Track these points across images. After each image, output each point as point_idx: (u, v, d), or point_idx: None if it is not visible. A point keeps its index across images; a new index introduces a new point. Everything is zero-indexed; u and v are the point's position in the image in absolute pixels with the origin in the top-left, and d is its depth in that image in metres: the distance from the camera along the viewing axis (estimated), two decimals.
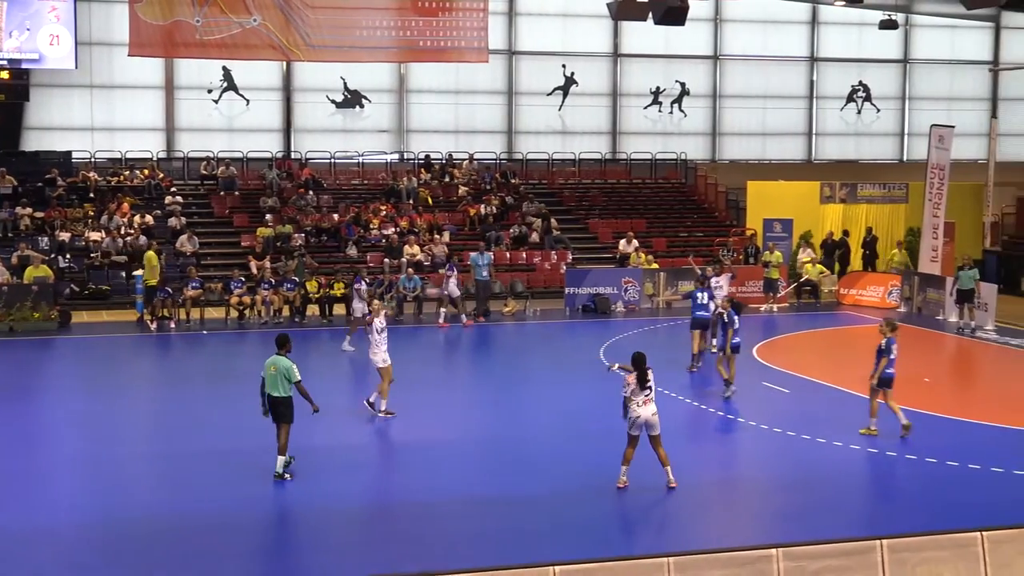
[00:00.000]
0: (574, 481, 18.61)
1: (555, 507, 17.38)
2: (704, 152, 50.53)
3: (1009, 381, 28.85)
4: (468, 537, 16.10)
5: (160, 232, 38.55)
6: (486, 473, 19.18)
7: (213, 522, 16.44)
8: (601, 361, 28.71)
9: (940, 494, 18.32)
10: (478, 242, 39.74)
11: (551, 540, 15.75)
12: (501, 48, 47.05)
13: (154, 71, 44.48)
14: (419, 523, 16.74)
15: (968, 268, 33.89)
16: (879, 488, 19.33)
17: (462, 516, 17.02)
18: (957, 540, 13.47)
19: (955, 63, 53.27)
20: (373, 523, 16.80)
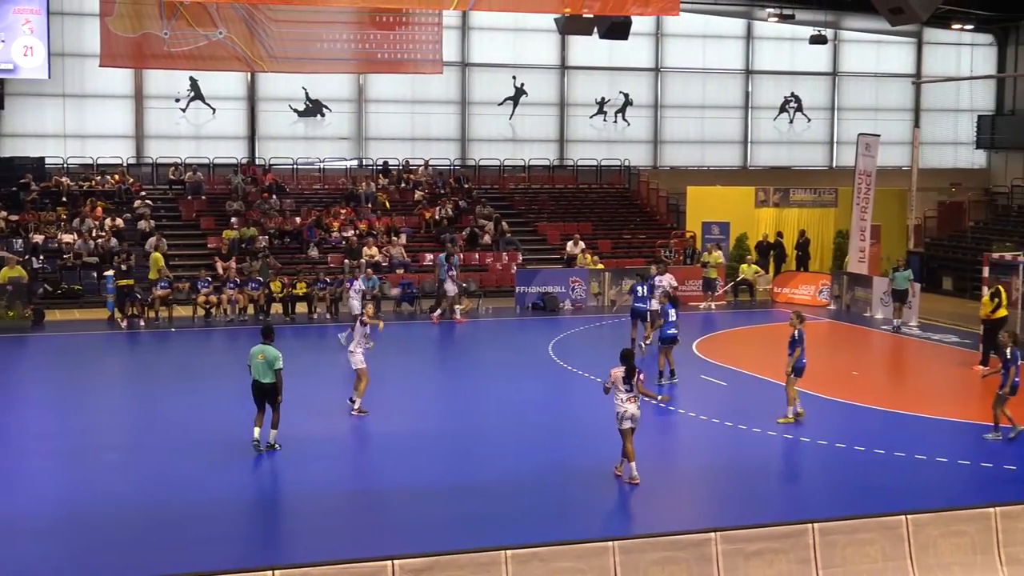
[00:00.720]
0: (525, 470, 18.62)
1: (507, 495, 17.39)
2: (646, 159, 50.62)
3: (930, 373, 29.11)
4: (423, 524, 16.06)
5: (130, 235, 38.21)
6: (441, 463, 19.15)
7: (183, 512, 16.33)
8: (551, 356, 28.75)
9: (868, 479, 18.45)
10: (434, 244, 39.73)
11: (503, 526, 15.74)
12: (455, 60, 46.96)
13: (124, 81, 44.07)
14: (376, 511, 16.70)
15: (903, 269, 34.10)
16: (811, 474, 19.44)
17: (418, 504, 16.98)
18: (883, 523, 13.58)
19: (880, 76, 53.62)
20: (332, 511, 16.73)
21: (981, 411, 21.94)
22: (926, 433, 21.53)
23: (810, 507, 16.64)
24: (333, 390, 23.70)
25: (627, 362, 17.84)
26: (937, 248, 45.91)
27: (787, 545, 13.14)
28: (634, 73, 50.13)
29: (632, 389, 17.72)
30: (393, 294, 35.58)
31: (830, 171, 52.18)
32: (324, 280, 35.47)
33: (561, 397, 24.76)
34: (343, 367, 23.24)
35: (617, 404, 17.82)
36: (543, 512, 16.51)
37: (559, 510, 16.69)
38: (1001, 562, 13.71)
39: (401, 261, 38.64)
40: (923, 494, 17.02)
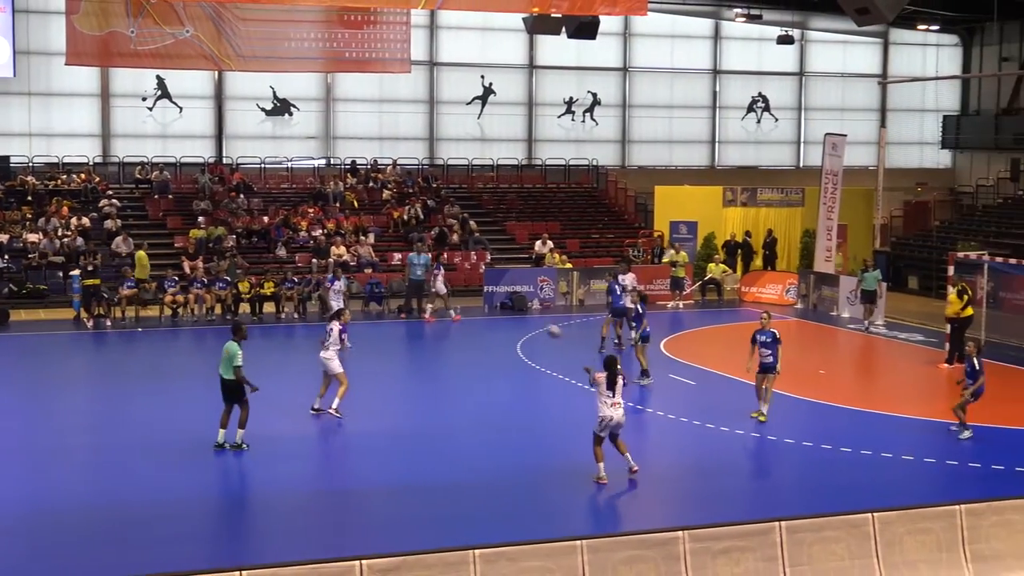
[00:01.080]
0: (494, 470, 18.62)
1: (476, 495, 17.38)
2: (614, 158, 50.69)
3: (897, 372, 29.28)
4: (392, 523, 16.04)
5: (96, 234, 37.98)
6: (409, 462, 19.12)
7: (149, 512, 16.24)
8: (519, 356, 28.75)
9: (834, 478, 18.54)
10: (402, 243, 39.65)
11: (472, 526, 15.73)
12: (423, 59, 46.89)
13: (90, 79, 43.80)
14: (345, 510, 16.66)
15: (872, 269, 34.22)
16: (778, 473, 19.52)
17: (387, 503, 16.96)
18: (850, 521, 13.65)
19: (847, 76, 53.89)
20: (300, 511, 16.68)
21: (947, 410, 22.05)
22: (892, 431, 21.64)
23: (777, 505, 16.71)
24: (301, 390, 23.61)
25: (610, 369, 17.78)
26: (903, 247, 46.17)
27: (754, 543, 13.18)
28: (602, 73, 50.20)
29: (614, 395, 17.67)
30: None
31: (797, 171, 52.41)
32: (292, 280, 35.36)
33: (530, 397, 24.75)
34: (311, 366, 23.13)
35: (601, 409, 17.74)
36: (511, 511, 16.51)
37: (527, 509, 16.68)
38: (966, 559, 13.80)
39: (369, 260, 38.56)
40: (889, 492, 17.11)
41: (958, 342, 27.59)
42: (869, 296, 33.74)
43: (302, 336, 32.69)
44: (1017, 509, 14.23)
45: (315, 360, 22.38)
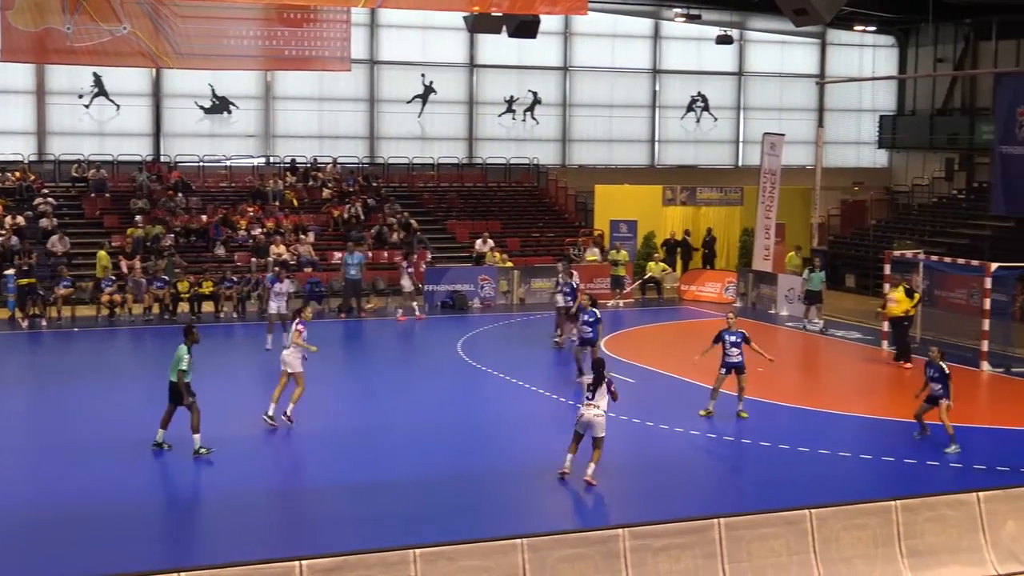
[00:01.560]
0: (435, 469, 18.62)
1: (417, 494, 17.37)
2: (555, 157, 50.80)
3: (835, 370, 29.58)
4: (333, 523, 16.00)
5: (31, 233, 37.53)
6: (351, 462, 19.08)
7: (88, 513, 16.09)
8: (460, 355, 28.75)
9: (773, 475, 18.71)
10: (342, 242, 39.46)
11: (412, 525, 15.72)
12: (363, 58, 46.72)
13: (25, 77, 43.26)
14: (286, 511, 16.59)
15: (818, 270, 34.31)
16: (718, 470, 19.66)
17: (328, 503, 16.91)
18: (787, 518, 13.77)
19: (785, 76, 54.32)
20: (241, 512, 16.60)
21: (885, 406, 22.31)
22: (830, 428, 21.87)
23: (716, 502, 16.83)
24: (241, 390, 23.49)
25: (597, 371, 17.99)
26: (840, 246, 46.62)
27: (693, 540, 13.27)
28: (543, 72, 50.28)
29: (593, 397, 17.77)
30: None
31: (736, 170, 52.78)
32: (231, 279, 35.14)
33: (470, 395, 24.76)
34: (252, 366, 23.07)
35: (580, 408, 18.02)
36: (452, 510, 16.52)
37: (468, 508, 16.70)
38: (902, 554, 13.97)
39: (309, 259, 38.37)
40: (827, 488, 17.29)
41: (904, 339, 27.90)
42: (813, 296, 33.86)
43: (241, 336, 32.50)
44: (951, 505, 14.42)
45: (254, 360, 22.28)
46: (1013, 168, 30.96)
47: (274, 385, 21.46)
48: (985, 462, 19.20)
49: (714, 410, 22.09)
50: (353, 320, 34.45)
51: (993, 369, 27.36)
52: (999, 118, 31.73)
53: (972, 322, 28.88)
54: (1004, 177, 31.34)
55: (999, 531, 14.39)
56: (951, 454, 19.78)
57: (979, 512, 14.38)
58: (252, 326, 33.01)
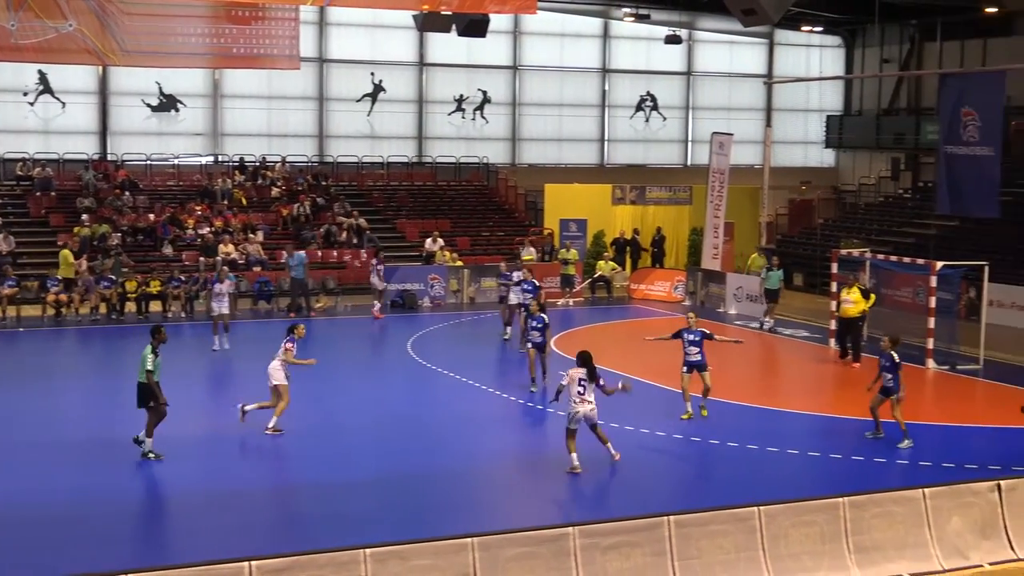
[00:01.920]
0: (385, 468, 18.59)
1: (367, 493, 17.34)
2: (505, 156, 50.84)
3: (784, 368, 29.79)
4: (284, 523, 15.94)
5: None
6: (301, 462, 19.01)
7: (37, 514, 15.93)
8: (410, 354, 28.70)
9: (721, 473, 18.82)
10: (292, 241, 39.31)
11: (363, 525, 15.69)
12: (312, 56, 46.55)
13: None
14: (237, 511, 16.50)
15: (776, 269, 34.16)
16: (667, 468, 19.72)
17: (279, 503, 16.84)
18: (737, 515, 13.86)
19: (733, 76, 54.63)
20: (192, 513, 16.51)
21: (832, 404, 22.49)
22: (779, 426, 22.01)
23: (666, 500, 16.89)
24: (190, 390, 23.33)
25: (587, 363, 18.32)
26: (788, 245, 46.90)
27: (643, 538, 13.33)
28: (492, 71, 50.29)
29: (584, 392, 18.11)
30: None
31: (685, 169, 53.02)
32: (179, 278, 34.91)
33: (421, 395, 24.73)
34: (200, 367, 22.95)
35: (571, 405, 18.21)
36: (403, 510, 16.50)
37: (419, 508, 16.68)
38: (849, 550, 14.10)
39: (258, 259, 38.19)
40: (776, 486, 17.40)
41: (857, 338, 28.07)
42: (772, 295, 33.73)
43: (189, 335, 32.30)
44: (897, 501, 14.57)
45: (202, 360, 22.15)
46: (957, 168, 31.29)
47: (228, 385, 21.42)
48: (931, 459, 19.40)
49: (692, 411, 22.12)
50: (302, 319, 34.29)
51: (939, 367, 27.63)
52: (944, 118, 32.06)
53: (918, 320, 29.14)
54: (948, 177, 31.65)
55: (944, 527, 14.55)
56: (903, 449, 19.97)
57: (925, 508, 14.54)
58: (200, 325, 32.80)
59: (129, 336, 31.41)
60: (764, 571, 13.68)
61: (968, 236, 38.91)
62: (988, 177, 30.60)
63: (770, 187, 42.42)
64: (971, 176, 30.96)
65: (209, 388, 25.12)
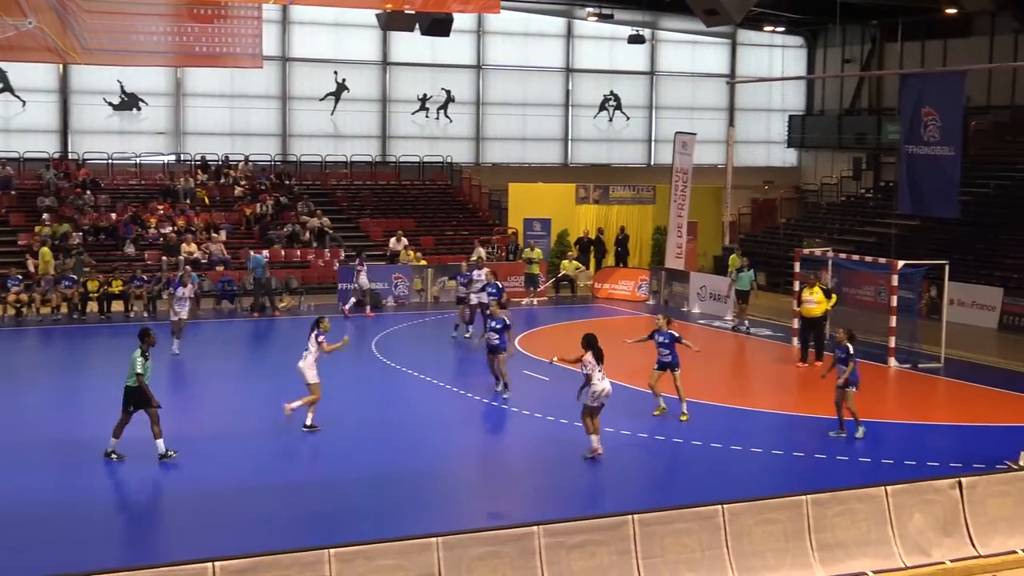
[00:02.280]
0: (350, 468, 18.55)
1: (331, 493, 17.29)
2: (468, 156, 50.81)
3: (747, 367, 29.90)
4: (249, 523, 15.86)
5: None
6: (265, 461, 18.93)
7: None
8: (374, 353, 28.65)
9: (686, 471, 18.88)
10: (255, 240, 39.17)
11: (328, 525, 15.65)
12: (275, 55, 46.38)
13: None
14: (201, 512, 16.42)
15: (747, 270, 34.02)
16: (632, 467, 19.76)
17: (243, 503, 16.76)
18: (700, 513, 13.89)
19: (696, 76, 54.82)
20: (156, 514, 16.42)
21: (795, 403, 22.59)
22: (742, 425, 22.10)
23: (631, 499, 16.93)
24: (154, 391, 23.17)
25: (592, 346, 18.89)
26: (751, 244, 47.07)
27: (608, 537, 13.35)
28: (456, 70, 50.26)
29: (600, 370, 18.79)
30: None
31: (648, 169, 53.15)
32: (141, 278, 34.71)
33: (386, 395, 24.67)
34: (159, 367, 22.73)
35: (595, 384, 18.75)
36: (367, 509, 16.46)
37: (383, 507, 16.65)
38: (812, 548, 14.16)
39: (221, 258, 38.02)
40: (739, 484, 17.46)
41: (821, 338, 28.17)
42: (743, 296, 33.57)
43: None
44: (860, 499, 14.63)
45: (161, 360, 22.00)
46: (918, 168, 31.46)
47: (190, 386, 21.35)
48: (893, 456, 19.53)
49: (666, 406, 22.23)
50: (265, 319, 34.19)
51: (900, 365, 27.81)
52: (905, 118, 32.25)
53: (880, 319, 29.34)
54: (909, 176, 31.82)
55: (907, 524, 14.64)
56: (859, 438, 20.42)
57: (887, 506, 14.62)
58: (163, 325, 32.62)
59: (91, 336, 31.31)
60: (728, 569, 13.72)
61: (929, 235, 39.21)
62: (948, 177, 30.80)
63: (733, 186, 42.58)
64: (932, 176, 31.15)
65: (167, 389, 24.96)
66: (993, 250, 37.58)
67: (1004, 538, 15.13)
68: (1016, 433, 21.49)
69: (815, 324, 28.42)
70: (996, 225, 38.76)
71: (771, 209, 53.36)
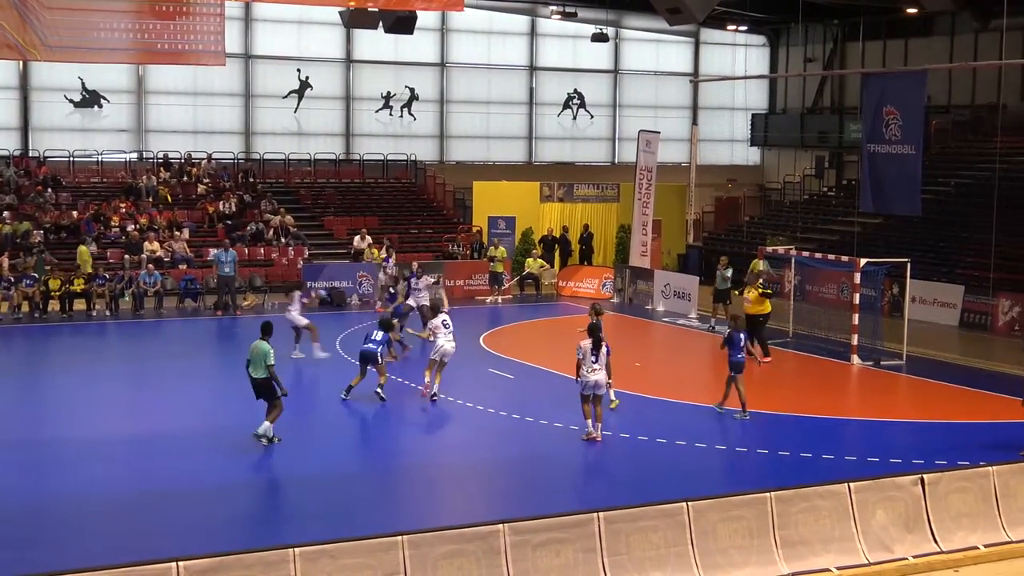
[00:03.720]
0: (314, 467, 18.49)
1: (295, 492, 17.24)
2: (433, 153, 50.77)
3: (710, 364, 29.95)
4: (212, 523, 15.78)
5: None
6: (229, 461, 18.81)
7: None
8: (339, 352, 28.54)
9: (649, 469, 18.92)
10: (218, 239, 38.94)
11: (293, 524, 15.60)
12: (238, 52, 46.17)
13: None
14: (162, 511, 16.32)
15: (725, 269, 33.78)
16: (596, 464, 19.80)
17: (206, 503, 16.67)
18: (665, 510, 13.93)
19: (660, 74, 54.98)
20: (116, 514, 16.31)
21: (755, 401, 22.66)
22: (704, 422, 22.16)
23: (595, 496, 16.96)
24: (114, 389, 23.07)
25: (594, 334, 19.54)
26: (715, 242, 47.27)
27: (573, 535, 13.36)
28: (420, 68, 50.21)
29: (598, 360, 19.41)
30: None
31: (613, 167, 53.26)
32: (103, 276, 34.47)
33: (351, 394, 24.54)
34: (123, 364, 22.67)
35: (584, 374, 19.35)
36: (331, 508, 16.40)
37: (348, 506, 16.61)
38: (776, 545, 14.23)
39: (184, 256, 37.81)
40: (703, 481, 17.52)
41: (763, 335, 28.27)
42: (722, 295, 33.26)
43: (114, 334, 31.97)
44: (823, 495, 14.71)
45: (126, 359, 21.83)
46: (880, 166, 31.61)
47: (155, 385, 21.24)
48: (856, 453, 19.62)
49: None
50: (228, 318, 34.04)
51: (863, 362, 27.95)
52: (867, 117, 32.40)
53: (842, 316, 29.49)
54: (872, 175, 31.96)
55: (869, 520, 14.73)
56: (739, 419, 21.86)
57: (850, 502, 14.70)
58: (125, 324, 32.51)
59: (52, 335, 31.06)
60: (693, 566, 13.77)
61: (891, 234, 39.45)
62: (910, 175, 30.96)
63: (697, 184, 42.76)
64: (893, 174, 31.32)
65: (133, 386, 24.80)
66: (954, 248, 37.86)
67: (966, 534, 15.25)
68: (977, 429, 21.68)
69: (752, 322, 28.33)
70: (957, 223, 39.04)
71: (734, 207, 53.58)
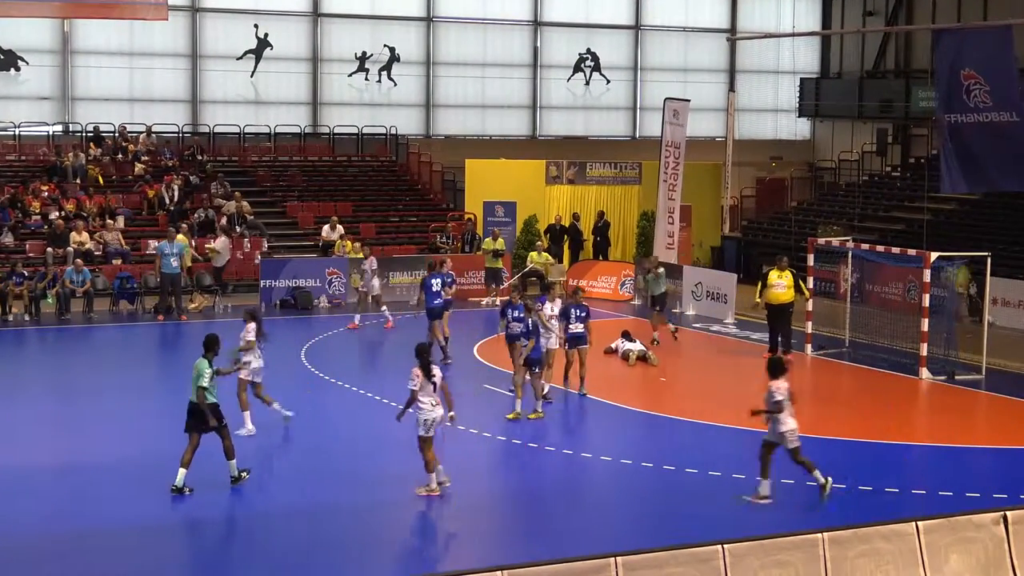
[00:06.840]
0: (279, 501, 18.52)
1: (254, 531, 17.25)
2: (417, 126, 50.79)
3: (747, 379, 29.92)
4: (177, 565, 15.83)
5: None
6: (169, 496, 18.85)
7: None
8: (304, 364, 28.59)
9: (678, 504, 18.91)
10: (160, 229, 38.96)
11: (249, 570, 15.62)
12: (183, 4, 46.23)
13: None
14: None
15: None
16: (613, 499, 19.74)
17: (153, 543, 16.73)
18: (697, 555, 13.88)
19: (690, 31, 54.98)
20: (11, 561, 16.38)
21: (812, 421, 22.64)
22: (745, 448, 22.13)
23: (612, 537, 16.94)
24: (35, 408, 23.08)
25: (422, 357, 19.05)
26: (756, 232, 47.27)
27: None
28: (402, 23, 50.24)
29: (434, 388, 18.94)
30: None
31: (633, 142, 53.29)
32: (21, 273, 34.47)
33: (319, 414, 24.55)
34: (44, 380, 22.67)
35: (425, 411, 18.78)
36: (315, 547, 16.45)
37: (312, 548, 16.65)
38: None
39: (119, 250, 37.83)
40: (741, 519, 17.48)
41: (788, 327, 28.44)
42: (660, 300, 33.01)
43: (35, 343, 32.00)
44: (886, 536, 14.65)
45: (41, 372, 21.87)
46: (970, 138, 31.45)
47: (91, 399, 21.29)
48: (925, 486, 19.63)
49: None
50: (172, 323, 34.03)
51: (934, 377, 27.88)
52: (940, 82, 32.39)
53: (909, 322, 29.46)
54: (959, 150, 31.79)
55: (941, 567, 14.70)
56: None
57: (919, 544, 14.67)
58: (48, 329, 32.54)
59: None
60: None
61: (967, 221, 39.41)
62: (1016, 145, 30.78)
63: (734, 163, 42.74)
64: (990, 146, 31.17)
65: (63, 407, 24.83)
66: None
67: None
68: None
69: (781, 312, 28.49)
70: None
71: (780, 191, 53.59)
